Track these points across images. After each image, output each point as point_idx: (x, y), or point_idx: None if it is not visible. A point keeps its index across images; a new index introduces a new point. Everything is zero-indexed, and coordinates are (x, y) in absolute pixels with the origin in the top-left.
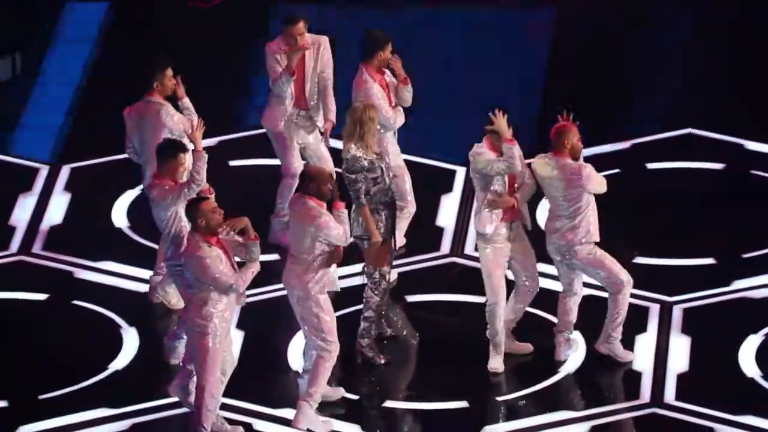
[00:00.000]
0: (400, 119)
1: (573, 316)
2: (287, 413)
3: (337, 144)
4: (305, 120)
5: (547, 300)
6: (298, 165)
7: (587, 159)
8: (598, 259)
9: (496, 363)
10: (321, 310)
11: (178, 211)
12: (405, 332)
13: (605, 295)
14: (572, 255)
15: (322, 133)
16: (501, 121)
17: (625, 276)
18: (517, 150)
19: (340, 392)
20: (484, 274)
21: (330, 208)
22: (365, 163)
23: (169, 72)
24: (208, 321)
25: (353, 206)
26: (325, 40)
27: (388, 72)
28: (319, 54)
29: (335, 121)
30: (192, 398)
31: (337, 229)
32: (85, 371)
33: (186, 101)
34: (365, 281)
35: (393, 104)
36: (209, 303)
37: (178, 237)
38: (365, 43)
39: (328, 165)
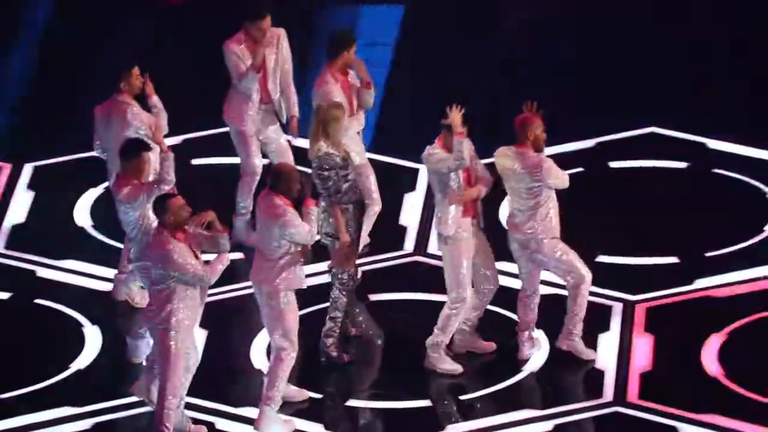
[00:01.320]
0: (355, 125)
1: (534, 315)
2: (250, 412)
3: (302, 142)
4: (268, 114)
5: (509, 298)
6: (258, 163)
7: (551, 158)
8: (562, 252)
9: (453, 365)
10: (286, 309)
11: (146, 211)
12: (369, 331)
13: (567, 293)
14: (536, 248)
15: (284, 127)
16: (455, 116)
17: (585, 271)
18: (467, 144)
19: (305, 394)
20: (449, 270)
21: (299, 207)
22: (338, 159)
23: (136, 71)
24: (170, 318)
25: (322, 204)
26: (283, 33)
27: (352, 73)
28: (279, 47)
29: (298, 113)
30: (154, 396)
31: (303, 227)
32: (48, 370)
33: (155, 99)
34: (332, 281)
35: (354, 107)
36: (173, 300)
37: (146, 236)
38: (330, 42)
39: (289, 159)
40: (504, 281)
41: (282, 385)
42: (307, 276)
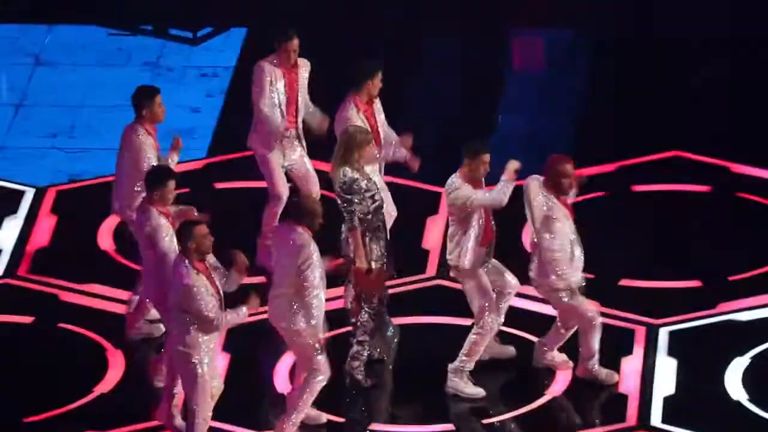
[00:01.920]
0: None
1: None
2: None
3: (323, 166)
4: (292, 140)
5: (531, 322)
6: (284, 188)
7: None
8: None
9: (476, 389)
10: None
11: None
12: (391, 355)
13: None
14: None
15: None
16: (512, 164)
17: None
18: (511, 187)
19: (323, 417)
20: (476, 299)
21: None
22: (363, 184)
23: (159, 99)
24: (194, 347)
25: (344, 227)
26: (307, 64)
27: (378, 106)
28: (305, 75)
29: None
30: (177, 421)
31: (319, 269)
32: (71, 394)
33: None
34: (361, 304)
35: (381, 139)
36: (194, 329)
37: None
38: (355, 72)
39: (314, 184)
40: (526, 305)
41: (305, 408)
42: (334, 299)
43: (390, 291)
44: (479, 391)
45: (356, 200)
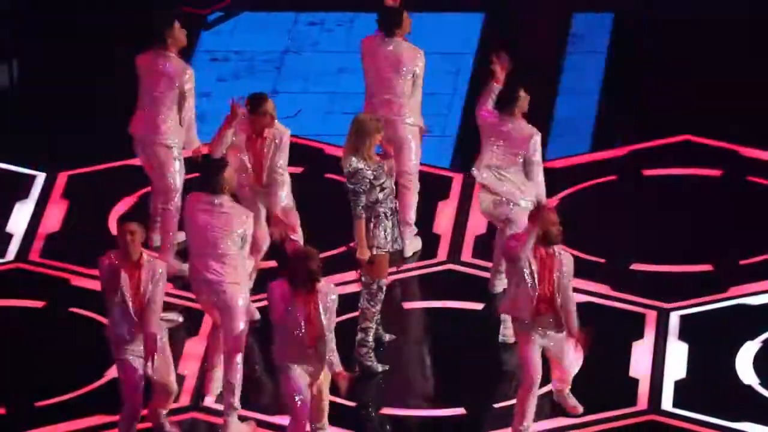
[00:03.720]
0: None
1: None
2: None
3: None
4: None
5: None
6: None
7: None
8: None
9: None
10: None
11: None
12: (402, 339)
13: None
14: None
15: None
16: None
17: None
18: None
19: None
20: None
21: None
22: (369, 173)
23: (178, 24)
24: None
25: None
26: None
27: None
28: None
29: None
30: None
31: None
32: (83, 378)
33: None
34: (361, 290)
35: None
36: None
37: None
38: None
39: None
40: None
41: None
42: (341, 284)
43: (401, 276)
44: None
45: (361, 189)
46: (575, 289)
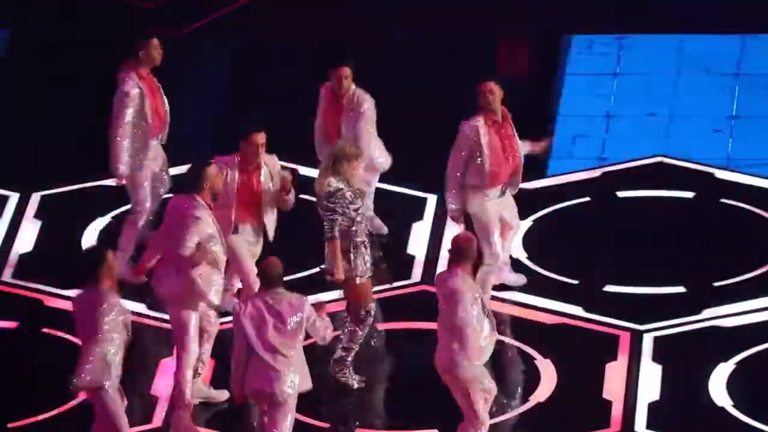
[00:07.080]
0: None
1: None
2: None
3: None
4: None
5: (518, 330)
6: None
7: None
8: None
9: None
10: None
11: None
12: (378, 359)
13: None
14: None
15: None
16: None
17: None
18: None
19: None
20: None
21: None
22: (348, 194)
23: (156, 41)
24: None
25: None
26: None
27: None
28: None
29: None
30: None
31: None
32: (55, 400)
33: None
34: (349, 315)
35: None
36: None
37: None
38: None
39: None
40: (512, 310)
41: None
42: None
43: (376, 296)
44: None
45: (339, 210)
46: (548, 311)
